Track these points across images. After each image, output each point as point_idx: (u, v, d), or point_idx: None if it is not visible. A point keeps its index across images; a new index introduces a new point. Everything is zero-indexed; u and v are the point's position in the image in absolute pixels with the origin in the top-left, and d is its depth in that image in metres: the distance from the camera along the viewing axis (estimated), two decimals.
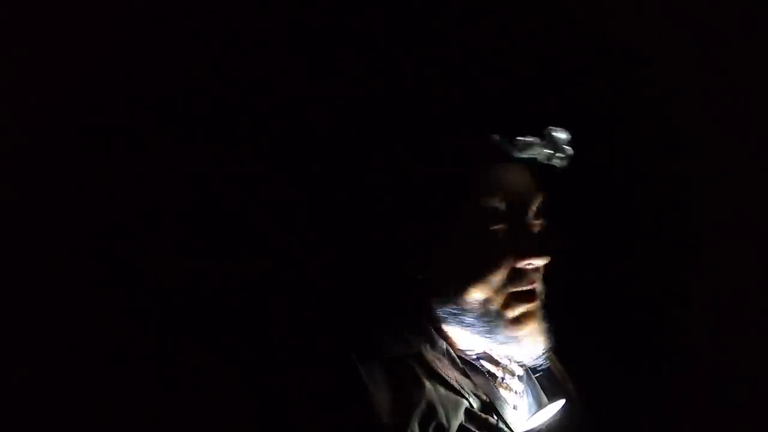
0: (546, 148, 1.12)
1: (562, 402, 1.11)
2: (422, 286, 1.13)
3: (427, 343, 1.12)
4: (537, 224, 1.13)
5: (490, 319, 1.11)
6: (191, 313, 1.32)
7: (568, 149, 1.13)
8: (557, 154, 1.12)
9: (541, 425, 1.10)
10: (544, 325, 1.13)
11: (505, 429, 1.10)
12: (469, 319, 1.12)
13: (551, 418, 1.11)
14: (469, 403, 1.09)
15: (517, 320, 1.12)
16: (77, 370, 1.25)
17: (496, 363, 1.16)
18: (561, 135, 1.12)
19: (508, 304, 1.11)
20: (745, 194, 1.56)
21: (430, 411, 1.05)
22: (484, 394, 1.12)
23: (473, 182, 1.11)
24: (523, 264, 1.11)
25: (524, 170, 1.14)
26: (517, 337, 1.11)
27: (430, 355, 1.11)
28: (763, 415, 1.48)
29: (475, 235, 1.10)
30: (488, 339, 1.13)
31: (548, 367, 1.21)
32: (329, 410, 1.03)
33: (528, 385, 1.20)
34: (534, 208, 1.13)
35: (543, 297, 1.14)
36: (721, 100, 1.55)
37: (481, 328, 1.12)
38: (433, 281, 1.13)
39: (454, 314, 1.12)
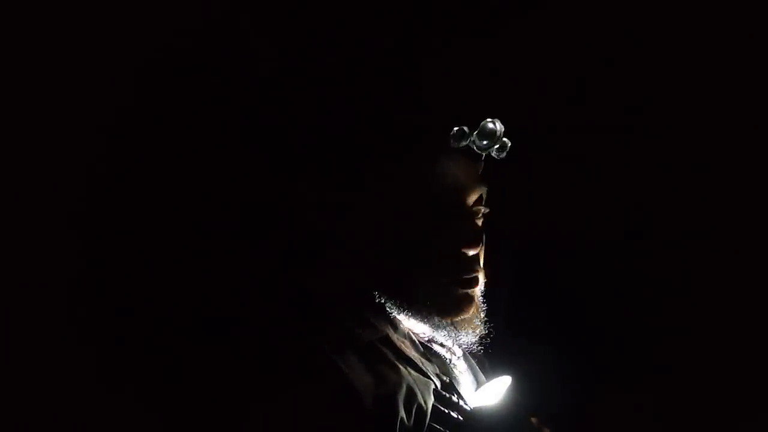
0: (482, 138, 1.14)
1: (507, 379, 1.16)
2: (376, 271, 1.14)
3: (390, 326, 1.14)
4: (477, 214, 1.17)
5: (430, 303, 1.13)
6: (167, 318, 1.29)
7: (505, 141, 1.16)
8: (494, 146, 1.15)
9: (491, 402, 1.13)
10: (481, 315, 1.17)
11: (464, 406, 1.14)
12: (409, 304, 1.13)
13: (499, 395, 1.14)
14: (435, 384, 1.12)
15: (456, 306, 1.14)
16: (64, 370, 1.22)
17: (442, 345, 1.20)
18: (492, 126, 1.14)
19: (449, 289, 1.14)
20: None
21: (410, 394, 1.06)
22: (443, 374, 1.16)
23: (417, 172, 1.13)
24: (460, 251, 1.13)
25: (467, 161, 1.16)
26: (452, 323, 1.14)
27: (395, 338, 1.13)
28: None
29: (418, 222, 1.12)
30: (426, 323, 1.14)
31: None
32: (316, 408, 1.00)
33: (467, 363, 1.26)
34: (474, 198, 1.16)
35: (483, 288, 1.18)
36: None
37: (420, 313, 1.13)
38: (381, 268, 1.13)
39: (395, 301, 1.13)
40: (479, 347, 1.20)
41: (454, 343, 1.18)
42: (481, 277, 1.18)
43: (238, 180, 1.36)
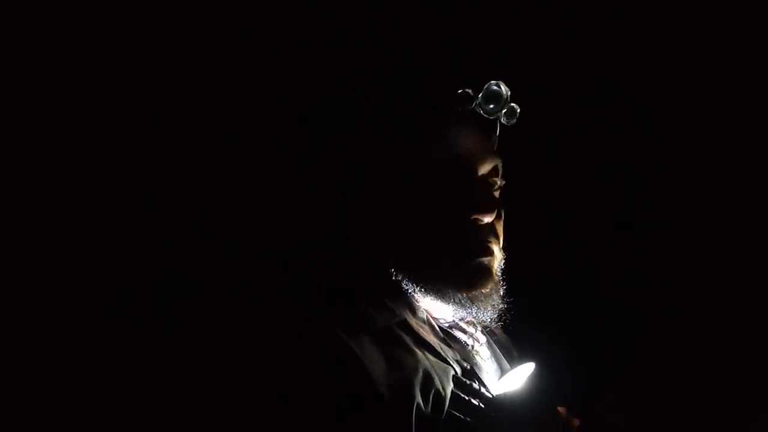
0: (487, 102, 1.12)
1: (531, 366, 1.11)
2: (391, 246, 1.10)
3: (409, 310, 1.10)
4: (493, 185, 1.13)
5: (445, 275, 1.08)
6: (178, 306, 1.28)
7: (513, 106, 1.13)
8: (501, 110, 1.12)
9: (513, 388, 1.09)
10: (500, 291, 1.13)
11: (486, 393, 1.09)
12: (425, 278, 1.08)
13: (522, 381, 1.10)
14: (454, 371, 1.08)
15: (472, 278, 1.09)
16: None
17: (464, 331, 1.16)
18: (497, 88, 1.11)
19: (464, 260, 1.09)
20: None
21: (428, 379, 1.01)
22: (464, 360, 1.11)
23: (427, 143, 1.10)
24: (474, 218, 1.09)
25: (479, 132, 1.14)
26: (469, 297, 1.09)
27: (413, 322, 1.09)
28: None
29: (430, 192, 1.08)
30: (443, 299, 1.10)
31: (497, 334, 1.24)
32: (328, 393, 0.96)
33: (490, 351, 1.21)
34: (487, 168, 1.12)
35: (500, 264, 1.13)
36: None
37: (436, 287, 1.09)
38: (395, 242, 1.10)
39: (411, 276, 1.08)
40: (499, 326, 1.16)
41: (473, 317, 1.13)
42: (498, 251, 1.13)
43: (248, 169, 1.34)
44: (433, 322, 1.13)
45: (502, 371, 1.19)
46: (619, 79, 1.75)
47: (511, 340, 1.29)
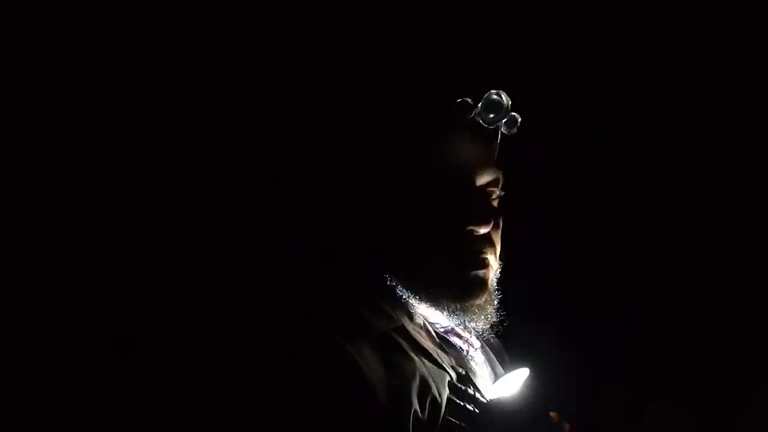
0: (487, 111, 1.10)
1: (525, 371, 1.11)
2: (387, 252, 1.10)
3: (406, 316, 1.10)
4: (491, 195, 1.13)
5: (440, 284, 1.09)
6: (176, 309, 1.28)
7: (514, 115, 1.12)
8: (502, 119, 1.11)
9: (507, 393, 1.09)
10: (494, 302, 1.13)
11: (480, 398, 1.09)
12: (419, 286, 1.09)
13: (517, 386, 1.10)
14: (450, 376, 1.08)
15: (467, 289, 1.10)
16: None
17: (460, 336, 1.17)
18: (497, 98, 1.10)
19: (459, 271, 1.09)
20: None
21: (425, 385, 1.02)
22: (459, 366, 1.12)
23: (425, 150, 1.10)
24: (469, 229, 1.09)
25: (479, 140, 1.12)
26: (463, 308, 1.10)
27: (411, 328, 1.09)
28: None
29: (427, 200, 1.08)
30: (437, 307, 1.11)
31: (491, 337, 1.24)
32: (326, 398, 0.97)
33: (484, 355, 1.22)
34: (487, 179, 1.12)
35: (497, 274, 1.14)
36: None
37: (431, 295, 1.09)
38: (391, 248, 1.10)
39: (406, 283, 1.09)
40: (492, 335, 1.16)
41: (466, 329, 1.14)
42: (494, 262, 1.13)
43: (246, 173, 1.34)
44: (430, 328, 1.14)
45: (496, 376, 1.20)
46: (618, 78, 1.75)
47: (504, 344, 1.30)
